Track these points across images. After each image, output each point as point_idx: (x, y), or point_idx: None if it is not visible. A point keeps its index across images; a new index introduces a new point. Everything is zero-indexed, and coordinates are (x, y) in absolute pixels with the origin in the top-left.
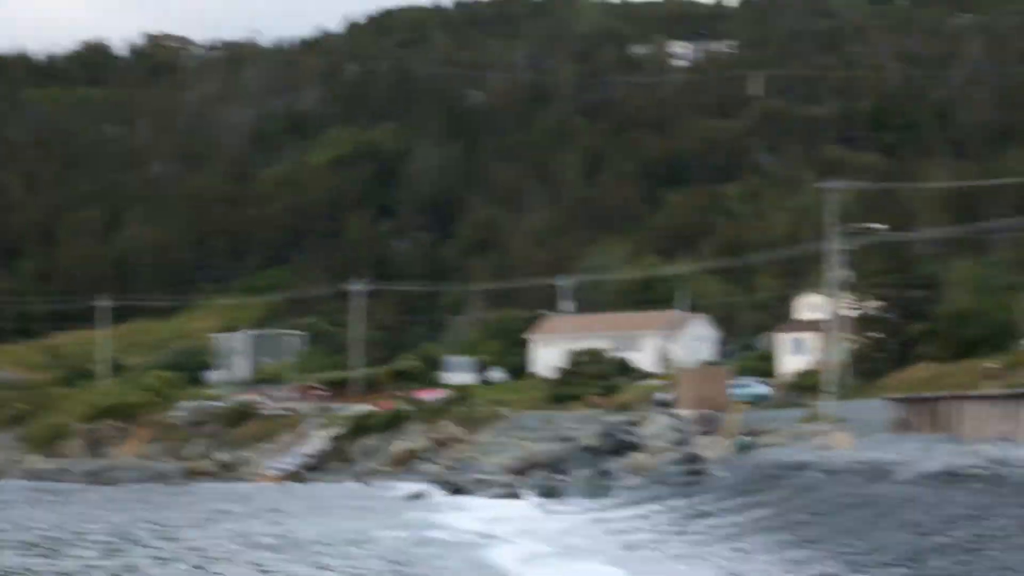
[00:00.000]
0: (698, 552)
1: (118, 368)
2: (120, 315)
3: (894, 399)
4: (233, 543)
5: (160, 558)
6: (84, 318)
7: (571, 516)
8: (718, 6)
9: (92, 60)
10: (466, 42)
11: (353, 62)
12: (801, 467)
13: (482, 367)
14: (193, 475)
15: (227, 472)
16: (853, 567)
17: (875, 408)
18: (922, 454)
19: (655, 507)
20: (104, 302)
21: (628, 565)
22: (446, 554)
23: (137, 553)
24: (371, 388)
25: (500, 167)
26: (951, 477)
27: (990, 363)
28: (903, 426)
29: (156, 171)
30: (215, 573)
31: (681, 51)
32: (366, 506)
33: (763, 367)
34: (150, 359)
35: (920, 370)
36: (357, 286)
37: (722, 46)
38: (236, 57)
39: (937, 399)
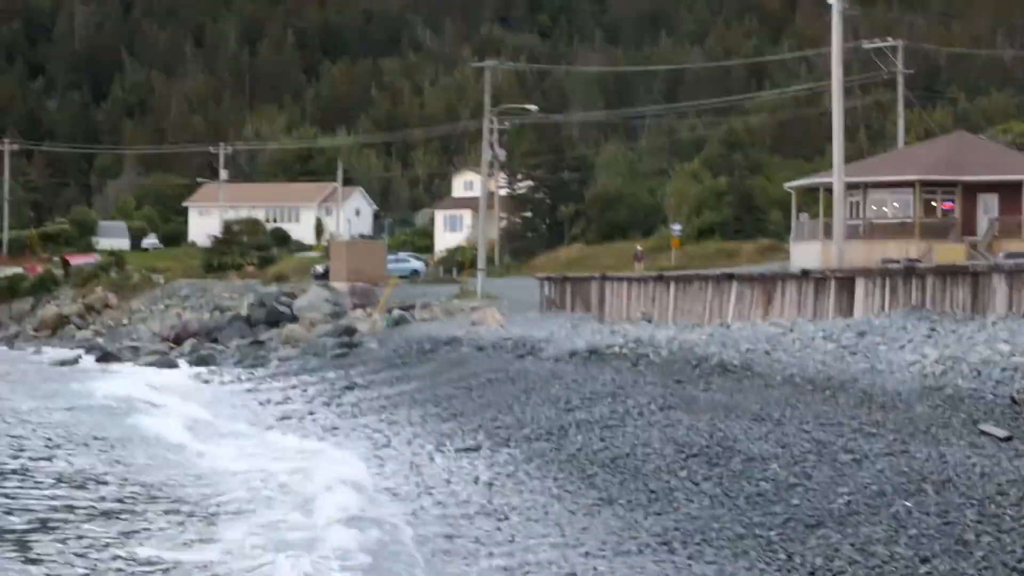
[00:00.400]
0: (349, 423)
1: None
2: None
3: (544, 278)
4: None
5: None
6: None
7: (226, 385)
8: None
9: None
10: None
11: None
12: (452, 342)
13: (137, 234)
14: None
15: None
16: (499, 441)
17: (525, 286)
18: (568, 332)
19: (308, 378)
20: None
21: (282, 433)
22: (102, 422)
23: None
24: (20, 251)
25: (156, 29)
26: (595, 355)
27: (637, 245)
28: (552, 305)
29: None
30: None
31: None
32: (13, 371)
33: (418, 242)
34: None
35: (570, 250)
36: (5, 145)
37: None
38: None
39: (584, 279)
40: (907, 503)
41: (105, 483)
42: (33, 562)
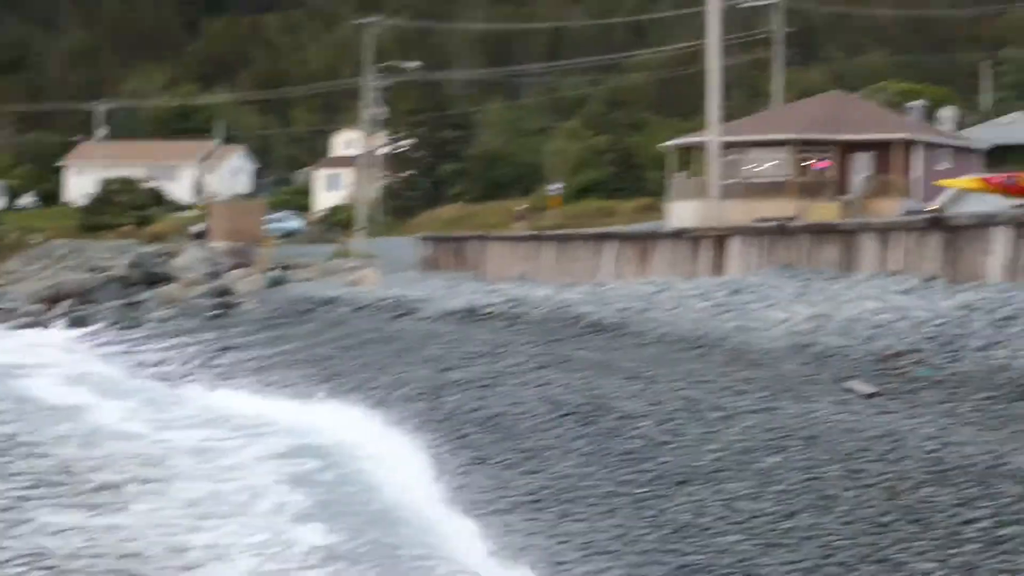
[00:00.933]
0: (226, 384)
1: None
2: None
3: (423, 237)
4: None
5: None
6: None
7: (101, 347)
8: None
9: None
10: None
11: None
12: (330, 302)
13: (12, 192)
14: None
15: None
16: (375, 402)
17: (405, 245)
18: (447, 292)
19: (185, 339)
20: None
21: (159, 398)
22: None
23: None
24: None
25: None
26: (472, 314)
27: (518, 205)
28: (431, 264)
29: None
30: None
31: None
32: None
33: (298, 201)
34: None
35: (451, 209)
36: None
37: None
38: None
39: (463, 239)
40: (771, 455)
41: None
42: None
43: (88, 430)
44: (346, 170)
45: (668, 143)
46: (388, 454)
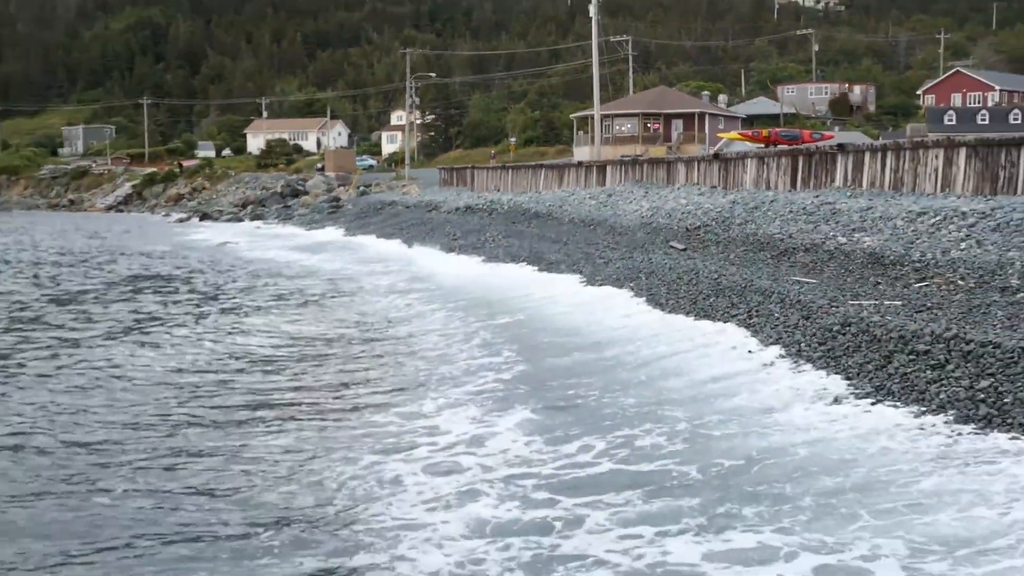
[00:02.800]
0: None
1: (6, 146)
2: (2, 114)
3: (441, 168)
4: (83, 233)
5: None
6: None
7: (272, 228)
8: None
9: None
10: None
11: None
12: (392, 204)
13: (217, 148)
14: (53, 207)
15: (73, 206)
16: (413, 243)
17: (432, 173)
18: (454, 197)
19: (315, 223)
20: None
21: (332, 242)
22: (211, 250)
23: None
24: (156, 159)
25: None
26: (469, 209)
27: (491, 151)
28: (446, 183)
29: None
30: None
31: None
32: (155, 226)
33: (372, 149)
34: (26, 140)
35: (455, 153)
36: (144, 100)
37: None
38: None
39: (463, 168)
40: (633, 282)
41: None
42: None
43: (259, 258)
44: (398, 132)
45: (573, 115)
46: (437, 261)
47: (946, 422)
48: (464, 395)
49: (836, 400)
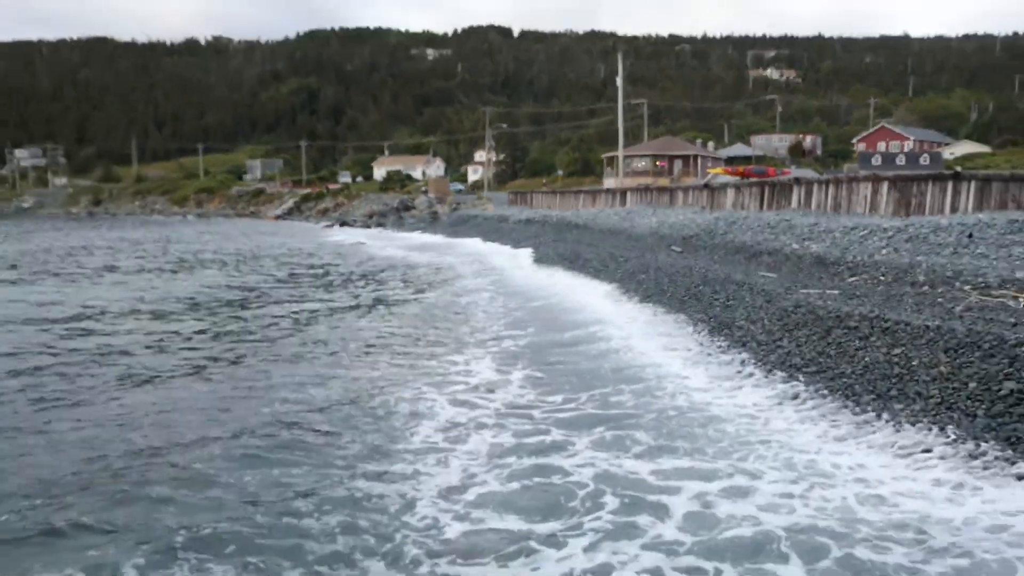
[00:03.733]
0: (440, 238)
1: (207, 173)
2: (203, 152)
3: (509, 192)
4: (261, 233)
5: (241, 234)
6: (191, 152)
7: (390, 233)
8: None
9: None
10: None
11: None
12: (475, 217)
13: (352, 176)
14: (239, 215)
15: (254, 215)
16: (488, 241)
17: (502, 196)
18: (518, 213)
19: (421, 229)
20: (200, 145)
21: (432, 243)
22: (346, 247)
23: (235, 232)
24: (310, 183)
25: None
26: (529, 221)
27: (546, 180)
28: (512, 203)
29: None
30: (260, 233)
31: None
32: (311, 230)
33: (461, 178)
34: (221, 169)
35: (518, 182)
36: (303, 143)
37: None
38: None
39: (524, 192)
40: (644, 274)
41: (344, 261)
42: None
43: (380, 254)
44: (480, 166)
45: (603, 155)
46: (506, 255)
47: (869, 380)
48: (491, 352)
49: (793, 367)
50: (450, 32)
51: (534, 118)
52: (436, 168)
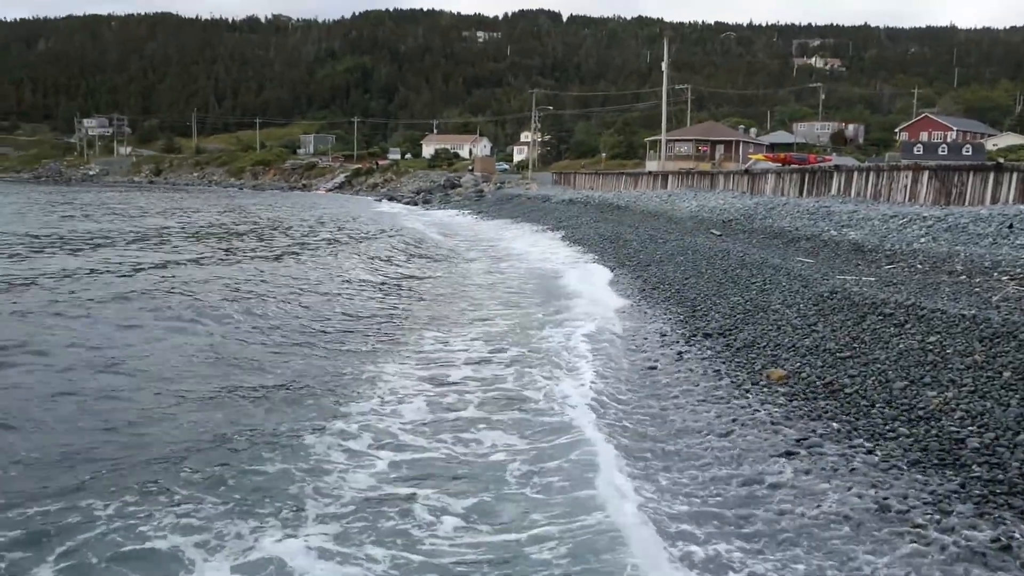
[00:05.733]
0: (482, 220)
1: (263, 146)
2: (260, 126)
3: (553, 172)
4: (316, 208)
5: (298, 205)
6: (248, 126)
7: (436, 211)
8: None
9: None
10: None
11: None
12: (519, 196)
13: (401, 152)
14: (292, 188)
15: (306, 187)
16: (539, 225)
17: (546, 176)
18: (561, 193)
19: (466, 208)
20: (257, 119)
21: (465, 219)
22: (391, 218)
23: (285, 205)
24: (360, 158)
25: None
26: (571, 202)
27: (585, 162)
28: (557, 183)
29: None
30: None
31: None
32: (361, 202)
33: (507, 158)
34: (276, 143)
35: (563, 163)
36: (355, 120)
37: None
38: None
39: (568, 173)
40: (683, 256)
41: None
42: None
43: (417, 223)
44: (525, 146)
45: (646, 139)
46: (539, 237)
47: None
48: (477, 330)
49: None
50: (501, 15)
51: (580, 101)
52: (483, 147)
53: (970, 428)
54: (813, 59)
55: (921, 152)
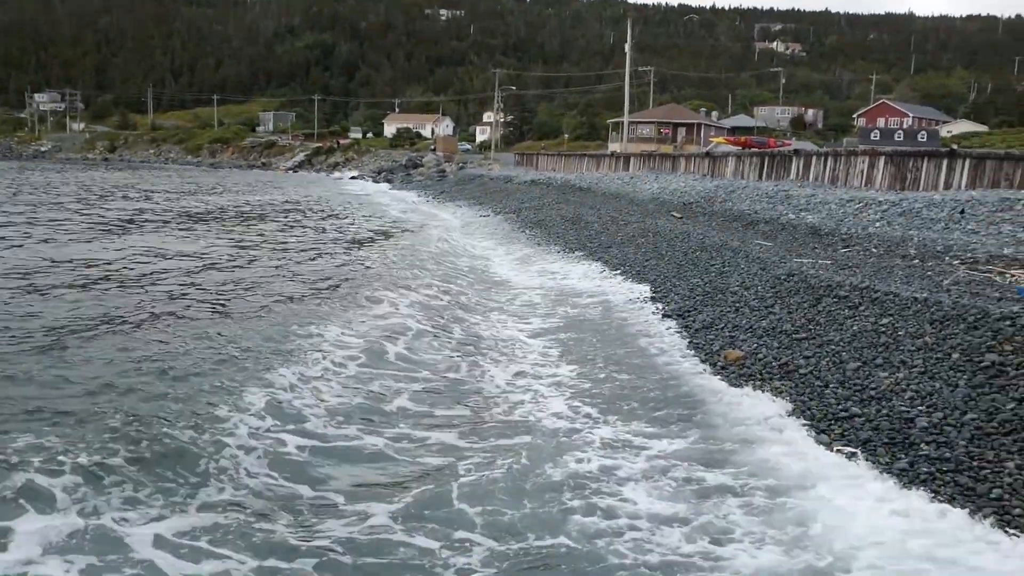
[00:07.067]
0: (440, 204)
1: (221, 123)
2: (218, 103)
3: (516, 153)
4: (274, 186)
5: (258, 183)
6: (206, 103)
7: (396, 191)
8: None
9: None
10: None
11: None
12: (480, 176)
13: (363, 131)
14: (251, 167)
15: (265, 166)
16: (495, 209)
17: (509, 157)
18: (523, 174)
19: (426, 188)
20: (215, 96)
21: (418, 202)
22: (354, 196)
23: (245, 182)
24: (321, 137)
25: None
26: (533, 183)
27: (547, 143)
28: (519, 164)
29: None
30: (277, 187)
31: None
32: (321, 180)
33: (469, 138)
34: (235, 120)
35: (525, 143)
36: (316, 98)
37: None
38: None
39: (531, 154)
40: (644, 238)
41: (345, 206)
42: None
43: (376, 202)
44: (487, 126)
45: (609, 121)
46: (495, 223)
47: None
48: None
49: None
50: None
51: (543, 81)
52: (445, 127)
53: (919, 408)
54: (775, 43)
55: (878, 138)
